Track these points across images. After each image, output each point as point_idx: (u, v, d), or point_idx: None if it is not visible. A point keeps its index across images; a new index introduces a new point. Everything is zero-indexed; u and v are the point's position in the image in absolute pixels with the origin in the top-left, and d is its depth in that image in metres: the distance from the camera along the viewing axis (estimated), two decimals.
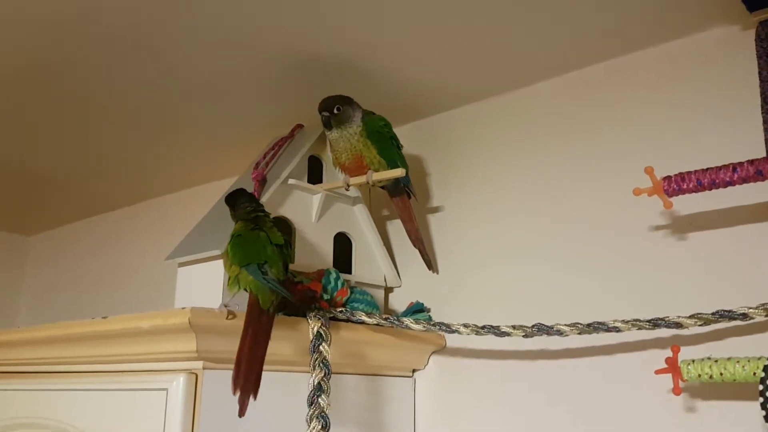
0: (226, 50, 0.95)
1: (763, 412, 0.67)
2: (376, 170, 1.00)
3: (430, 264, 1.07)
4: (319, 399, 0.76)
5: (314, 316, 0.83)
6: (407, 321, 0.88)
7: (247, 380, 0.72)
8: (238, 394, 0.71)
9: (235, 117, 1.18)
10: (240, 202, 0.87)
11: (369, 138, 0.99)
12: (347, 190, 1.04)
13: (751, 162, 0.74)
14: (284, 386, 0.86)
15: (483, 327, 0.86)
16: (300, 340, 0.83)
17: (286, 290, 0.78)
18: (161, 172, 1.49)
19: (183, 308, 0.75)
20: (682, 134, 0.89)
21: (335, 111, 0.98)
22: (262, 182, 0.97)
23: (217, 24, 0.89)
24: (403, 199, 1.05)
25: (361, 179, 1.00)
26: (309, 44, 0.94)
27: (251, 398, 0.72)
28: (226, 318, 0.78)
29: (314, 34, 0.91)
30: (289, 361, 0.86)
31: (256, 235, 0.82)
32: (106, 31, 0.90)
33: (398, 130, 1.08)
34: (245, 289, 0.78)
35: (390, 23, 0.89)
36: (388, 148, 1.01)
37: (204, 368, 0.78)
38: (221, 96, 1.10)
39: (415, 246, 1.06)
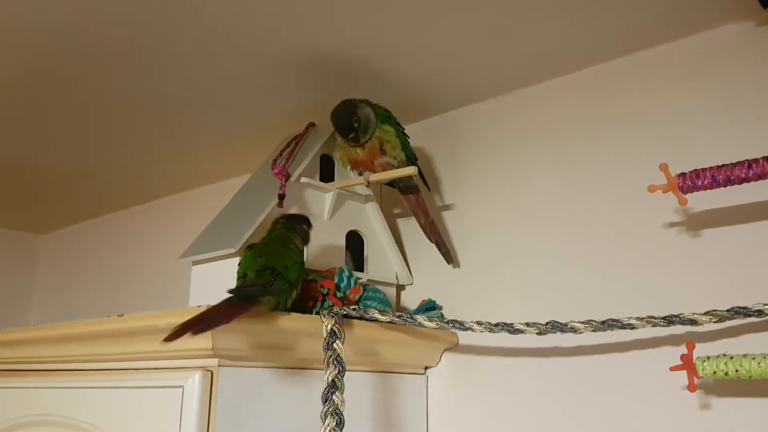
0: (236, 49, 0.95)
1: None
2: (396, 155, 0.99)
3: (449, 257, 1.06)
4: (334, 396, 0.76)
5: (328, 314, 0.83)
6: (421, 318, 0.88)
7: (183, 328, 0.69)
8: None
9: (246, 116, 1.18)
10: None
11: (384, 123, 0.99)
12: (368, 186, 1.03)
13: (767, 158, 0.74)
14: (299, 383, 0.86)
15: (496, 324, 0.85)
16: (314, 338, 0.84)
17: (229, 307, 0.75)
18: (172, 171, 1.50)
19: (199, 306, 0.75)
20: (697, 131, 0.89)
21: (355, 125, 0.96)
22: (287, 178, 0.96)
23: (226, 23, 0.89)
24: (416, 194, 1.05)
25: (382, 175, 0.99)
26: (318, 44, 0.94)
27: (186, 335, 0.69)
28: None
29: (324, 34, 0.92)
30: (303, 358, 0.87)
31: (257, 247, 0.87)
32: (116, 31, 0.91)
33: (408, 128, 1.09)
34: None
35: (400, 22, 0.89)
36: (398, 132, 1.01)
37: (219, 366, 0.79)
38: (231, 95, 1.10)
39: (431, 241, 1.05)
